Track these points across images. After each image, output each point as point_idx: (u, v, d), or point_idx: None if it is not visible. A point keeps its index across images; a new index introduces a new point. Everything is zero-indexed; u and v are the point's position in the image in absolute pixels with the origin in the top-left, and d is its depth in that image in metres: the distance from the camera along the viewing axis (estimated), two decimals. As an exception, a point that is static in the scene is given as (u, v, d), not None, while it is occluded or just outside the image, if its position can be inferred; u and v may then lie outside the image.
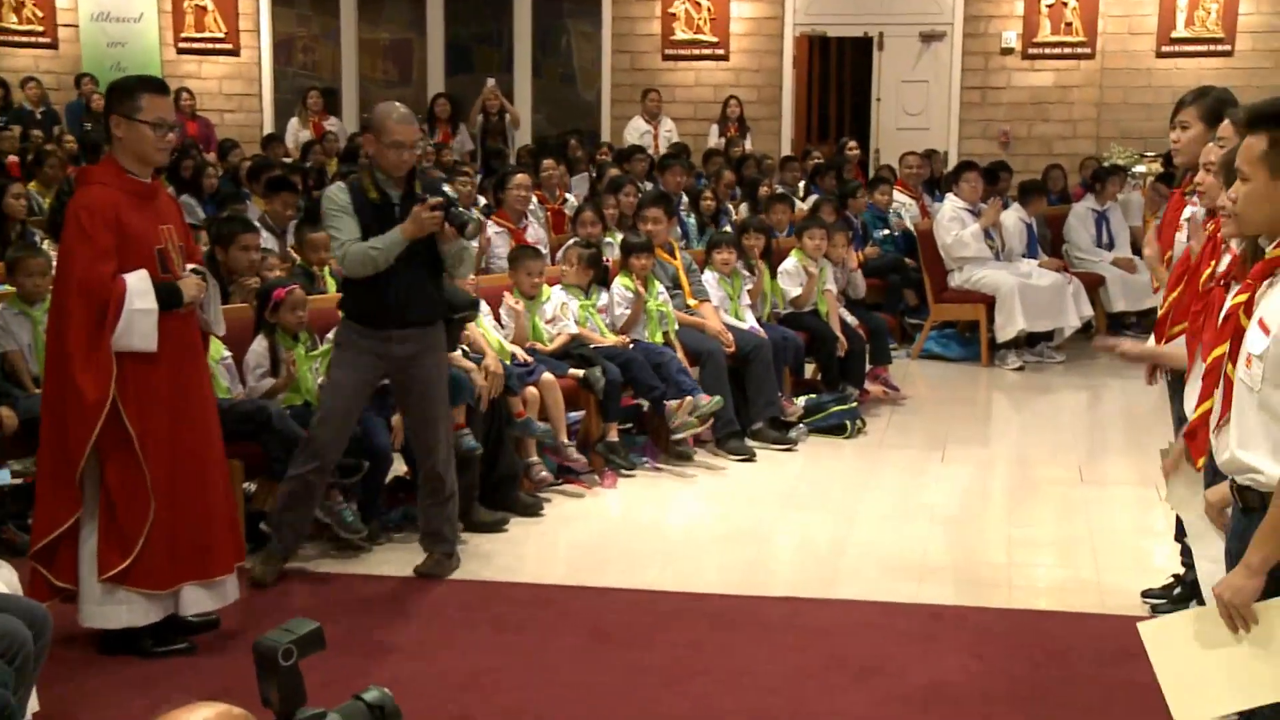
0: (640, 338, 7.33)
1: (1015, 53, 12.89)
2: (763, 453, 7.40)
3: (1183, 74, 12.34)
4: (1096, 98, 12.79)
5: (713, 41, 13.37)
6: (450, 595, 5.33)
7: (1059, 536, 6.09)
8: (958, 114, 13.16)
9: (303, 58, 14.47)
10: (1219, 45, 12.40)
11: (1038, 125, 12.99)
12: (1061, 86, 12.87)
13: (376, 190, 5.18)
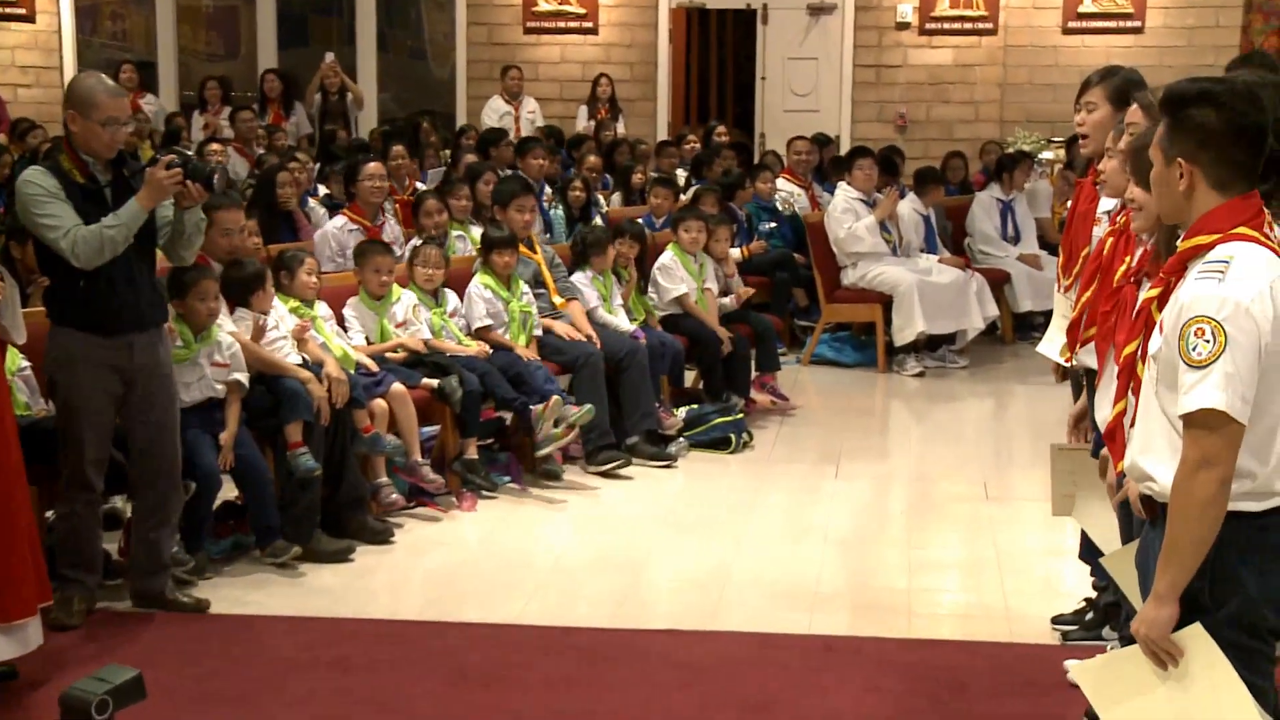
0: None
1: (912, 28, 13.15)
2: (639, 470, 7.44)
3: (1091, 52, 12.70)
4: (1000, 77, 13.10)
5: (580, 13, 13.41)
6: (289, 634, 5.27)
7: (963, 559, 6.21)
8: (850, 95, 13.38)
9: (111, 26, 14.18)
10: (1129, 22, 12.79)
11: (937, 107, 13.25)
12: (962, 65, 13.15)
13: (81, 173, 5.08)
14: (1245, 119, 2.94)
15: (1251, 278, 2.90)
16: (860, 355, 10.10)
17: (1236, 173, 2.96)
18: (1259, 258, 2.93)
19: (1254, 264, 2.92)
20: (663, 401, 7.94)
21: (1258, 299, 2.88)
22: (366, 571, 5.98)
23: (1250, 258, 2.92)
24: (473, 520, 6.70)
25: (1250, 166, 2.98)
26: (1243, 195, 2.97)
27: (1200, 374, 2.87)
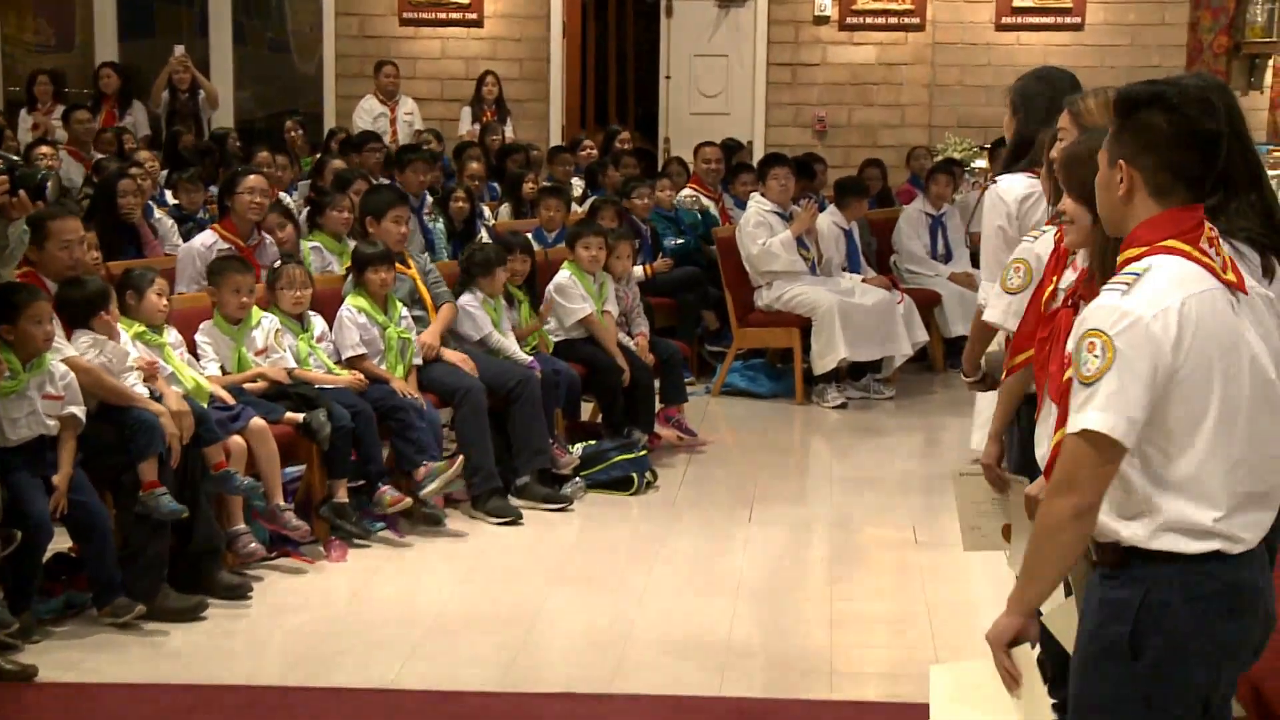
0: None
1: (831, 22, 13.30)
2: (530, 514, 7.43)
3: (1027, 50, 12.94)
4: (928, 78, 13.28)
5: (463, 3, 13.41)
6: (133, 704, 5.20)
7: (890, 612, 6.27)
8: (763, 96, 13.49)
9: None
10: (1067, 18, 13.04)
11: (859, 110, 13.41)
12: (886, 64, 13.32)
13: None
14: (1194, 125, 3.01)
15: (1160, 293, 2.95)
16: (776, 385, 10.16)
17: (1179, 181, 3.03)
18: (1178, 272, 2.98)
19: (1169, 278, 2.97)
20: (557, 437, 7.94)
21: (1161, 315, 2.92)
22: (221, 631, 5.91)
23: (1167, 271, 2.98)
24: (343, 572, 6.64)
25: (1195, 176, 3.04)
26: (1183, 206, 3.03)
27: (1087, 392, 2.95)
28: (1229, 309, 2.99)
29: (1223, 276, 3.01)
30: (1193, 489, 2.99)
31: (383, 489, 7.01)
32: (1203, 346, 2.94)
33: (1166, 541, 3.00)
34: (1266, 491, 3.04)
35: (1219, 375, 2.96)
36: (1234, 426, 2.99)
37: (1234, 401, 2.98)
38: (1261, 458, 3.02)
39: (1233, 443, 2.99)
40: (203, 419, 6.21)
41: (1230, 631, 3.01)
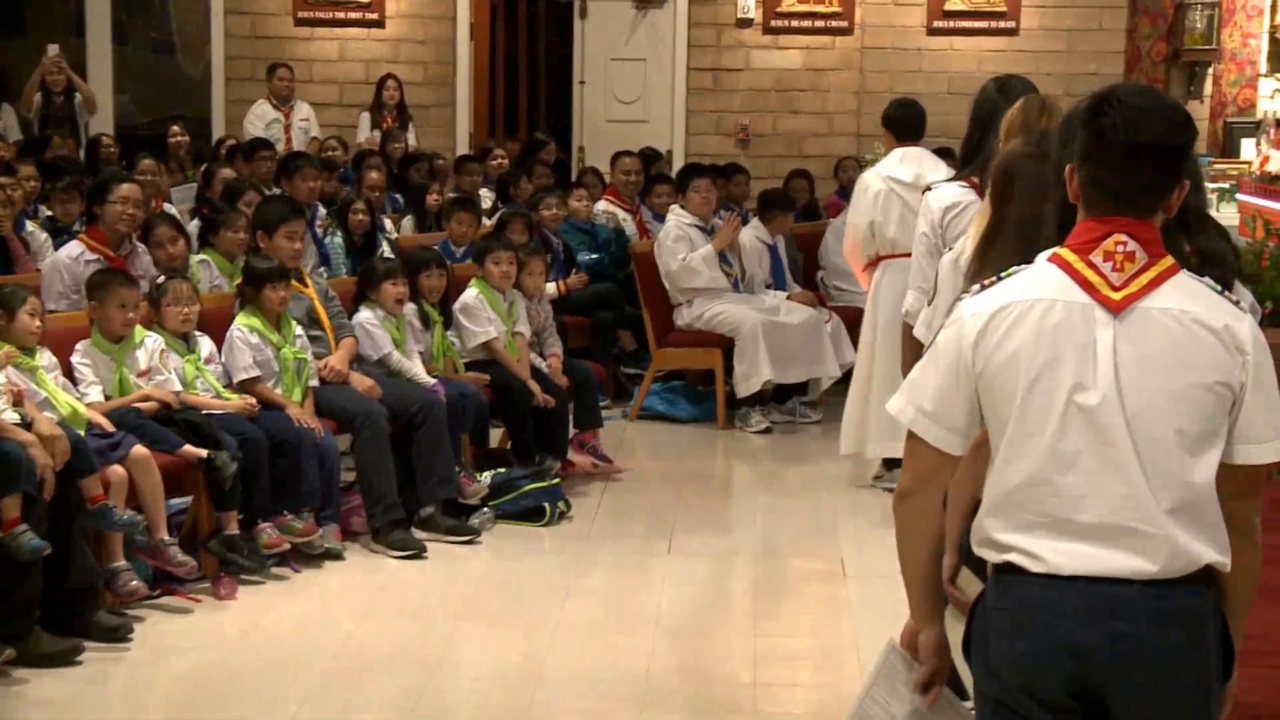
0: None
1: (755, 25, 13.39)
2: (435, 547, 7.40)
3: (960, 56, 13.08)
4: (856, 84, 13.39)
5: (363, 3, 13.38)
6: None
7: (817, 647, 6.30)
8: (683, 102, 13.55)
9: None
10: (1002, 22, 13.19)
11: (784, 118, 13.50)
12: (813, 69, 13.42)
13: None
14: (1117, 134, 3.06)
15: (999, 295, 3.10)
16: (696, 409, 10.20)
17: (1103, 194, 3.08)
18: (1038, 278, 3.10)
19: (1022, 283, 3.11)
20: (464, 465, 7.93)
21: (983, 314, 3.08)
22: (99, 677, 5.84)
23: (1028, 276, 3.12)
24: (233, 610, 6.59)
25: (1119, 190, 3.08)
26: (1099, 218, 3.10)
27: None
28: (1070, 324, 3.05)
29: (1098, 291, 3.05)
30: (992, 497, 3.14)
31: (263, 526, 6.95)
32: (1007, 354, 3.06)
33: (982, 547, 3.19)
34: (1096, 523, 3.05)
35: (1024, 388, 3.06)
36: (1032, 444, 3.06)
37: (1038, 417, 3.05)
38: (1084, 487, 3.05)
39: (1025, 461, 3.07)
40: (79, 448, 6.12)
41: (1010, 650, 3.10)
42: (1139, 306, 3.05)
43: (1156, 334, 3.05)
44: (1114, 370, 3.03)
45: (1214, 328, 3.04)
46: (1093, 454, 3.04)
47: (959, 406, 3.14)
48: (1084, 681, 3.05)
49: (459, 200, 10.40)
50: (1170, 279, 3.08)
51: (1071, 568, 3.04)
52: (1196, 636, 3.02)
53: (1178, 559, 2.99)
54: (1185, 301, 3.06)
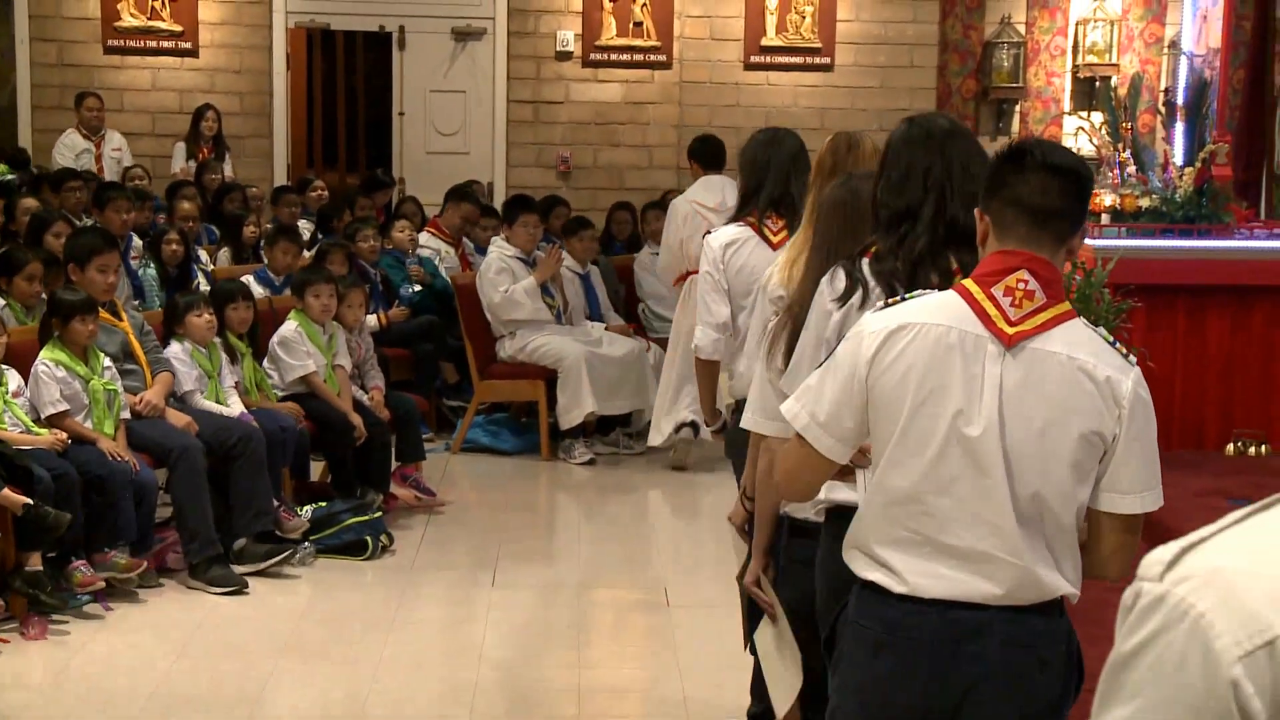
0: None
1: (574, 58, 13.42)
2: (255, 582, 7.29)
3: (777, 91, 13.23)
4: (676, 117, 13.49)
5: (175, 31, 13.18)
6: None
7: (642, 679, 6.32)
8: (504, 134, 13.54)
9: None
10: (817, 58, 13.37)
11: (605, 151, 13.55)
12: (633, 103, 13.50)
13: None
14: (1039, 159, 3.18)
15: (901, 312, 3.21)
16: (520, 441, 10.18)
17: (1018, 216, 3.17)
18: (935, 304, 3.21)
19: (919, 306, 3.21)
20: (283, 499, 7.83)
21: (881, 332, 3.18)
22: (-97, 721, 5.67)
23: (928, 301, 3.23)
24: (41, 650, 6.43)
25: (1035, 209, 3.17)
26: (1007, 250, 3.18)
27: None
28: (962, 351, 3.14)
29: (994, 323, 3.13)
30: (869, 505, 3.27)
31: (76, 564, 6.80)
32: (899, 373, 3.15)
33: (851, 551, 3.30)
34: (961, 547, 3.14)
35: (911, 408, 3.14)
36: (913, 463, 3.16)
37: (920, 439, 3.15)
38: (955, 510, 3.15)
39: (907, 478, 3.16)
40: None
41: (871, 668, 3.24)
42: (1030, 345, 3.14)
43: (1042, 375, 3.14)
44: (998, 404, 3.13)
45: (1097, 378, 3.13)
46: (968, 481, 3.13)
47: (850, 417, 3.21)
48: (940, 700, 3.15)
49: (281, 229, 10.27)
50: (1064, 323, 3.18)
51: (932, 591, 3.14)
52: (1046, 660, 3.15)
53: (1033, 588, 3.11)
54: (1074, 348, 3.15)
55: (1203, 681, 1.37)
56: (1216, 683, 1.36)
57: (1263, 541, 1.41)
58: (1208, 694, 1.36)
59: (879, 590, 3.20)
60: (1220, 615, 1.37)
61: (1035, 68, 13.41)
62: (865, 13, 13.41)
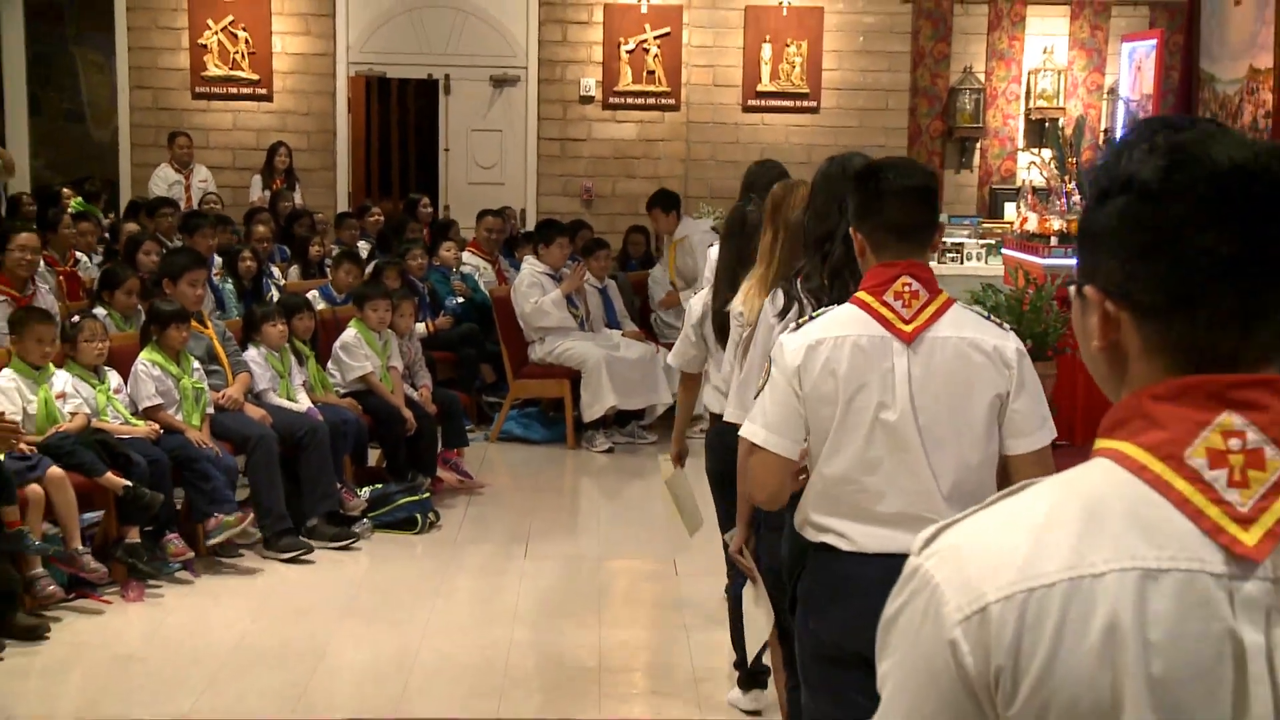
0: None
1: (595, 101, 13.43)
2: (320, 553, 7.32)
3: (770, 130, 13.24)
4: (683, 153, 13.49)
5: (253, 79, 13.21)
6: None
7: (653, 638, 6.33)
8: (535, 167, 13.56)
9: None
10: (805, 102, 13.38)
11: (622, 181, 13.55)
12: (646, 140, 13.51)
13: None
14: (894, 184, 3.30)
15: (813, 330, 3.31)
16: (549, 432, 10.19)
17: (888, 235, 3.30)
18: (841, 317, 3.31)
19: (828, 322, 3.32)
20: (345, 482, 7.85)
21: (800, 349, 3.28)
22: (18, 672, 5.70)
23: (833, 316, 3.33)
24: (138, 611, 6.46)
25: (901, 227, 3.29)
26: (886, 263, 3.29)
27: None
28: (873, 353, 3.25)
29: (893, 325, 3.25)
30: (814, 488, 3.35)
31: (170, 537, 6.84)
32: (825, 378, 3.26)
33: (803, 526, 3.39)
34: (892, 514, 3.25)
35: (841, 405, 3.26)
36: (844, 452, 3.27)
37: (849, 432, 3.26)
38: (884, 485, 3.26)
39: (841, 464, 3.28)
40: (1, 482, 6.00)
41: (827, 615, 3.35)
42: (925, 336, 3.25)
43: (940, 358, 3.24)
44: (909, 391, 3.23)
45: (985, 349, 3.26)
46: (892, 459, 3.24)
47: (792, 422, 3.30)
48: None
49: (346, 254, 10.29)
50: (947, 310, 3.29)
51: (874, 547, 3.25)
52: None
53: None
54: (961, 329, 3.28)
55: (932, 641, 1.39)
56: (940, 642, 1.38)
57: (995, 522, 1.42)
58: (935, 652, 1.39)
59: (830, 549, 3.31)
60: (949, 586, 1.39)
61: (993, 110, 13.39)
62: (847, 63, 13.41)
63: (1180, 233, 1.38)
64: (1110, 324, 1.45)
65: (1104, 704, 1.32)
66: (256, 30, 13.14)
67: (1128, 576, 1.33)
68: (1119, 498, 1.37)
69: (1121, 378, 1.46)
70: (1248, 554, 1.32)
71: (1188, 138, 1.40)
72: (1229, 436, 1.36)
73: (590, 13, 13.30)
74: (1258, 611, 1.32)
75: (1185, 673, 1.31)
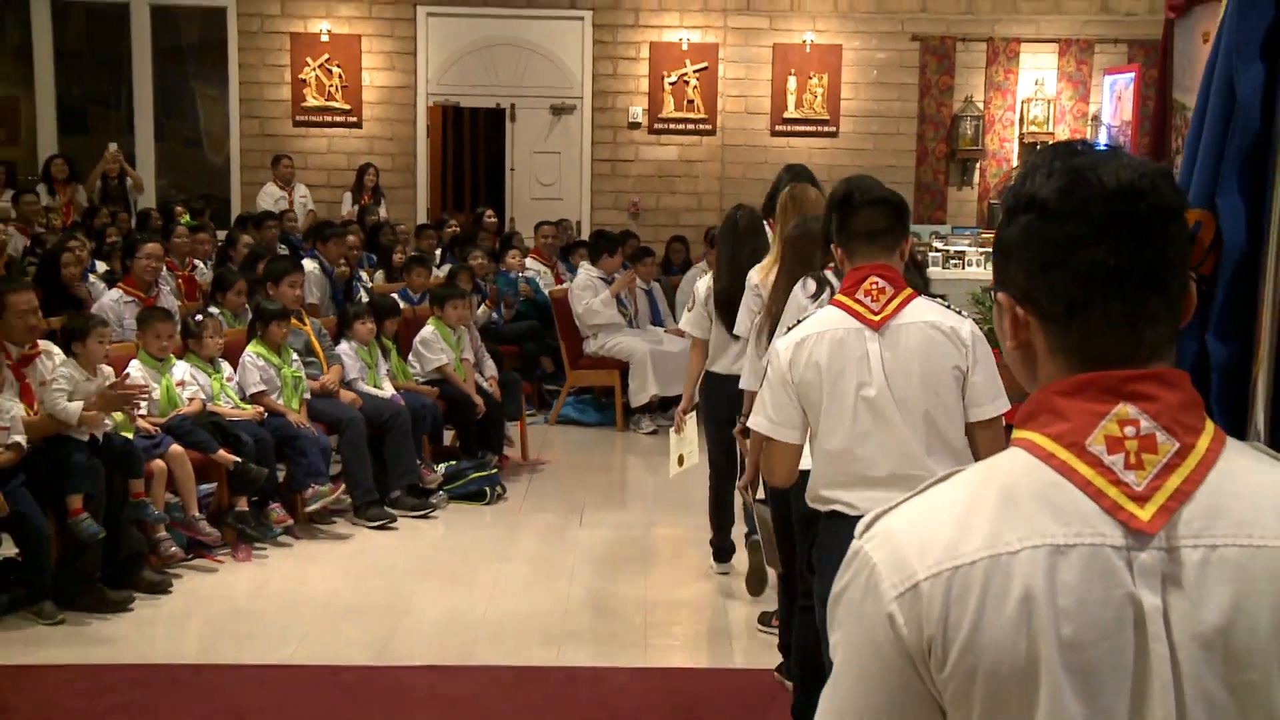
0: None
1: (642, 127, 13.43)
2: (402, 520, 7.36)
3: (795, 152, 13.17)
4: (719, 172, 13.47)
5: (345, 109, 13.28)
6: (69, 683, 5.03)
7: (692, 596, 6.32)
8: (589, 184, 13.57)
9: (-116, 114, 13.45)
10: (825, 127, 13.33)
11: (665, 197, 13.55)
12: (686, 160, 13.49)
13: None
14: (862, 198, 3.48)
15: (798, 331, 3.48)
16: (601, 416, 10.20)
17: (857, 239, 3.48)
18: (823, 318, 3.48)
19: (812, 323, 3.48)
20: (424, 459, 7.88)
21: (790, 346, 3.45)
22: (145, 620, 5.76)
23: (816, 318, 3.50)
24: (247, 569, 6.52)
25: (869, 232, 3.45)
26: (858, 267, 3.47)
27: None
28: (849, 342, 3.41)
29: (864, 317, 3.42)
30: (815, 465, 3.50)
31: (273, 505, 6.90)
32: (813, 370, 3.42)
33: (813, 500, 3.52)
34: (884, 476, 3.39)
35: (827, 391, 3.41)
36: (838, 430, 3.42)
37: (839, 411, 3.41)
38: (874, 453, 3.40)
39: (836, 440, 3.42)
40: (127, 457, 6.07)
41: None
42: (892, 324, 3.42)
43: (906, 341, 3.41)
44: (883, 370, 3.40)
45: (944, 329, 3.42)
46: (877, 430, 3.41)
47: (791, 410, 3.45)
48: None
49: (415, 259, 10.31)
50: (911, 302, 3.46)
51: (875, 509, 3.32)
52: None
53: None
54: (921, 315, 3.45)
55: (873, 615, 1.40)
56: (880, 615, 1.39)
57: (926, 507, 1.43)
58: (875, 625, 1.39)
59: (839, 516, 3.42)
60: (885, 565, 1.40)
61: (991, 135, 13.29)
62: (862, 94, 13.35)
63: (1074, 248, 1.38)
64: (1020, 326, 1.45)
65: (1022, 665, 1.33)
66: (348, 67, 13.20)
67: (1039, 552, 1.34)
68: (1030, 482, 1.38)
69: (1034, 374, 1.46)
70: (1143, 528, 1.34)
71: (1083, 161, 1.40)
72: (1124, 425, 1.37)
73: (638, 50, 13.30)
74: (1154, 578, 1.34)
75: (1092, 633, 1.32)
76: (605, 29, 13.29)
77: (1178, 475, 1.36)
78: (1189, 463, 1.36)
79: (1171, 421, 1.37)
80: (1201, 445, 1.37)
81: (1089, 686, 1.32)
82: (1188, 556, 1.34)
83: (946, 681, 1.36)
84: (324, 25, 13.17)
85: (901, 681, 1.38)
